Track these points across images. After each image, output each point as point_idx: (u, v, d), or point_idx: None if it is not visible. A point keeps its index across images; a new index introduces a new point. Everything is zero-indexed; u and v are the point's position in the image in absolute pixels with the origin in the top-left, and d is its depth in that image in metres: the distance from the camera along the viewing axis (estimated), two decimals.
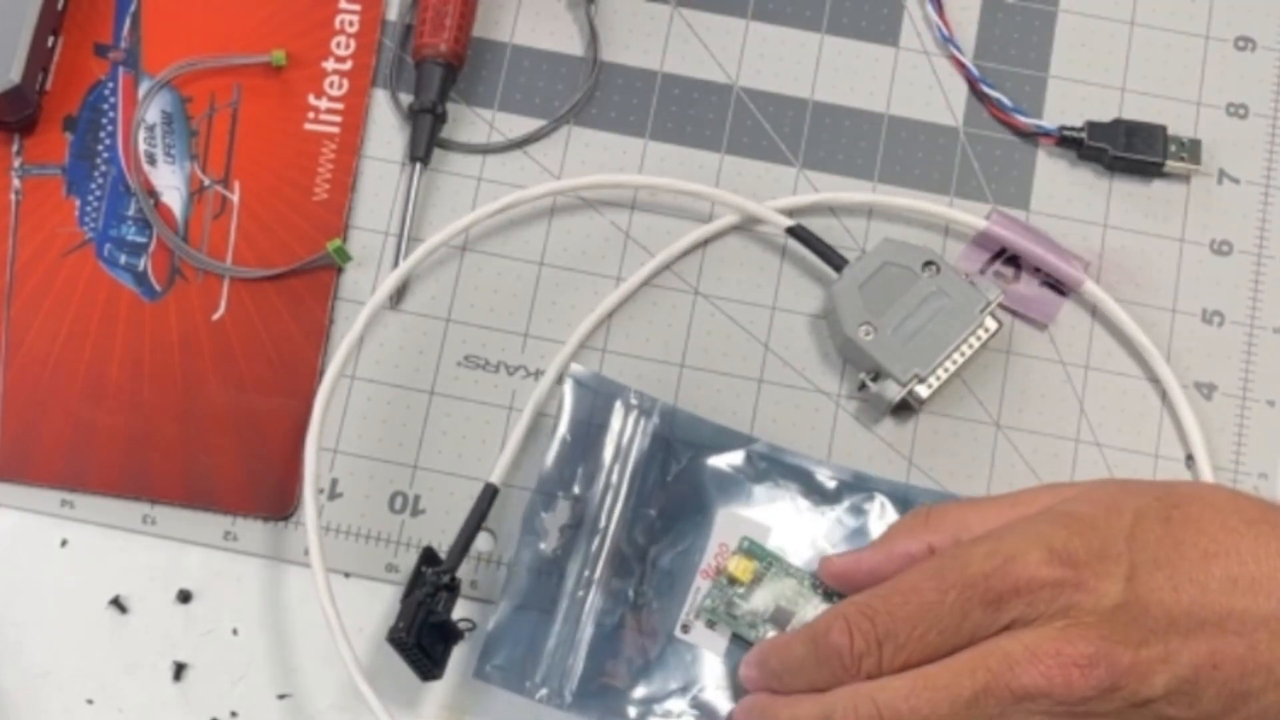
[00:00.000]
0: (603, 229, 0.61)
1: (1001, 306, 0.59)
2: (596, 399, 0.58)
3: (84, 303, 0.60)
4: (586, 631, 0.55)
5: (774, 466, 0.58)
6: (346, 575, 0.58)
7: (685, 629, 0.56)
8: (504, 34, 0.64)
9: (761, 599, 0.55)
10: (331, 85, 0.63)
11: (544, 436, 0.59)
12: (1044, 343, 0.61)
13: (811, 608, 0.55)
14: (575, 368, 0.58)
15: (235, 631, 0.57)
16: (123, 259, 0.61)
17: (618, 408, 0.58)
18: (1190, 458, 0.59)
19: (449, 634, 0.55)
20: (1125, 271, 0.61)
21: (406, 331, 0.60)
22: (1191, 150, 0.62)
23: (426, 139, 0.61)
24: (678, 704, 0.55)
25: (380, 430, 0.59)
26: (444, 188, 0.62)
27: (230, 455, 0.58)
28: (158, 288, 0.60)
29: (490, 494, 0.56)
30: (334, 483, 0.58)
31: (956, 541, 0.51)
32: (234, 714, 0.56)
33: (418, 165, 0.61)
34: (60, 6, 0.62)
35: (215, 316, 0.60)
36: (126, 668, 0.57)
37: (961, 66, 0.63)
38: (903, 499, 0.57)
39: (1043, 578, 0.47)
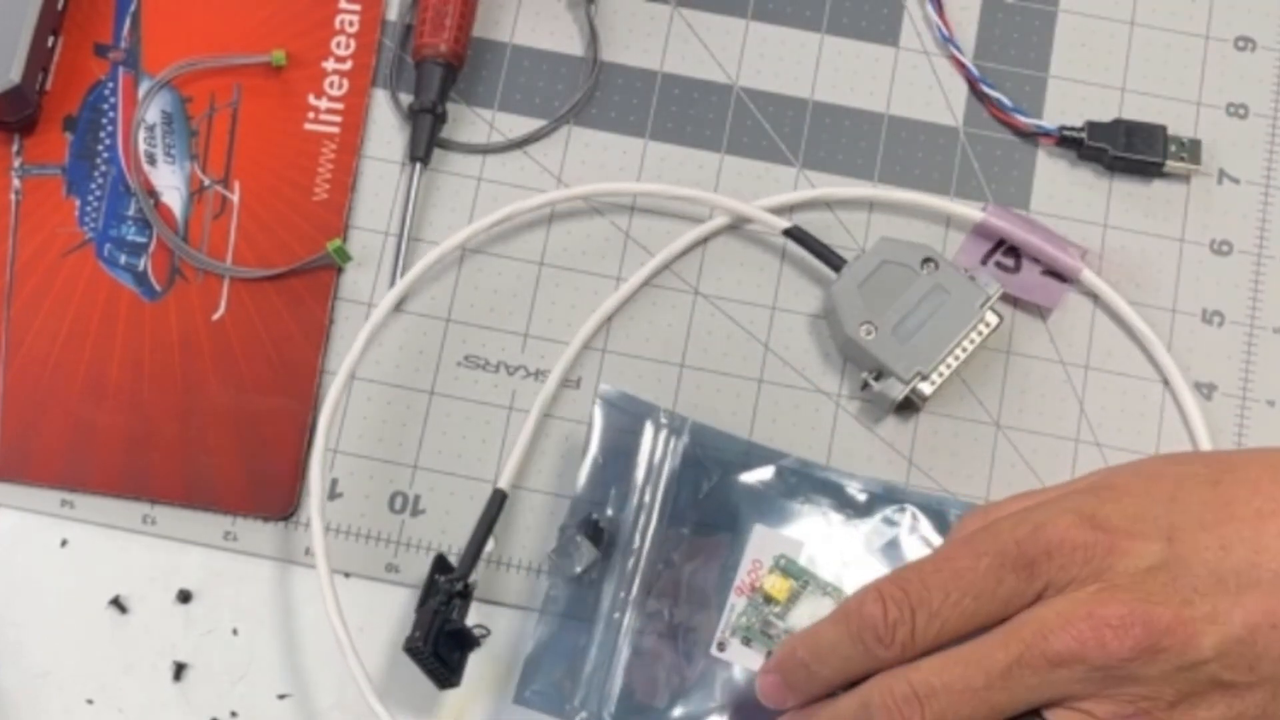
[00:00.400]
0: (603, 229, 0.61)
1: (1004, 298, 0.59)
2: (626, 419, 0.58)
3: (84, 303, 0.60)
4: (623, 652, 0.55)
5: (805, 481, 0.57)
6: (347, 575, 0.58)
7: (721, 647, 0.56)
8: (504, 34, 0.64)
9: (797, 617, 0.55)
10: (331, 85, 0.63)
11: (551, 441, 0.59)
12: (1044, 342, 0.61)
13: None
14: (604, 388, 0.58)
15: (235, 631, 0.57)
16: (123, 259, 0.61)
17: (647, 427, 0.57)
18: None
19: (465, 641, 0.55)
20: (1125, 271, 0.61)
21: (406, 331, 0.60)
22: (1191, 150, 0.62)
23: (426, 139, 0.61)
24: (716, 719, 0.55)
25: (380, 430, 0.59)
26: (444, 188, 0.62)
27: (230, 455, 0.58)
28: (158, 288, 0.60)
29: (499, 500, 0.56)
30: (334, 483, 0.58)
31: None
32: (234, 714, 0.56)
33: (418, 165, 0.61)
34: (60, 6, 0.62)
35: (215, 316, 0.60)
36: (126, 668, 0.57)
37: (961, 66, 0.63)
38: (935, 511, 0.57)
39: (1074, 540, 0.47)
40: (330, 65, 0.63)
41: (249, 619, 0.57)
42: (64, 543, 0.58)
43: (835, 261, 0.59)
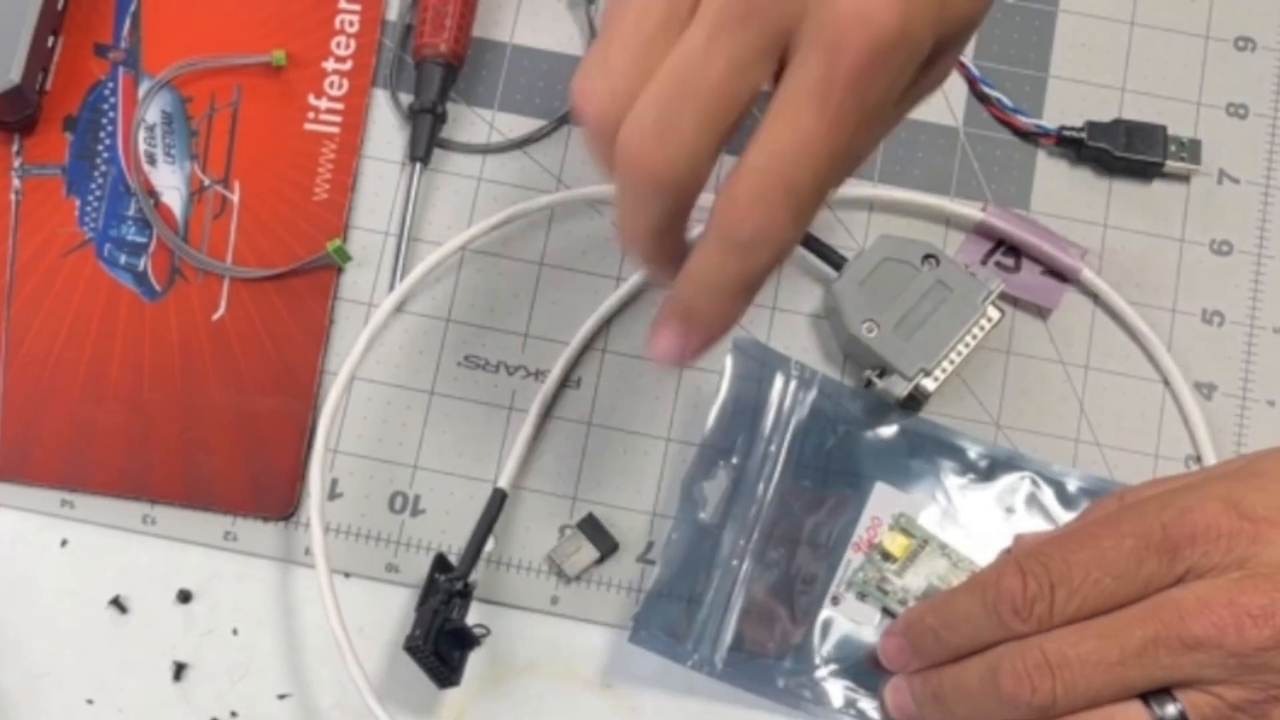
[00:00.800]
0: (603, 229, 0.61)
1: (1003, 297, 0.59)
2: (757, 368, 0.58)
3: (84, 303, 0.60)
4: (738, 600, 0.56)
5: (928, 442, 0.58)
6: (346, 575, 0.58)
7: (836, 601, 0.56)
8: (504, 34, 0.64)
9: (914, 576, 0.56)
10: (331, 85, 0.63)
11: (551, 441, 0.59)
12: (1044, 342, 0.61)
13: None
14: (739, 334, 0.58)
15: (235, 631, 0.57)
16: (123, 259, 0.61)
17: (778, 378, 0.58)
18: (1193, 457, 0.59)
19: (465, 640, 0.55)
20: (1125, 272, 0.61)
21: (406, 331, 0.60)
22: (1191, 150, 0.62)
23: (426, 139, 0.61)
24: (825, 675, 0.55)
25: (380, 430, 0.59)
26: (444, 188, 0.62)
27: (230, 455, 0.58)
28: (158, 288, 0.60)
29: (499, 499, 0.57)
30: (334, 483, 0.58)
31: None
32: (234, 714, 0.56)
33: (418, 165, 0.61)
34: (60, 6, 0.62)
35: (215, 316, 0.60)
36: (126, 668, 0.57)
37: (961, 66, 0.63)
38: (1055, 480, 0.58)
39: (1219, 527, 0.47)
40: (330, 65, 0.63)
41: (249, 619, 0.57)
42: (64, 543, 0.58)
43: (836, 260, 0.59)
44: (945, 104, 0.63)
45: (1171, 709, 0.47)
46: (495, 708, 0.56)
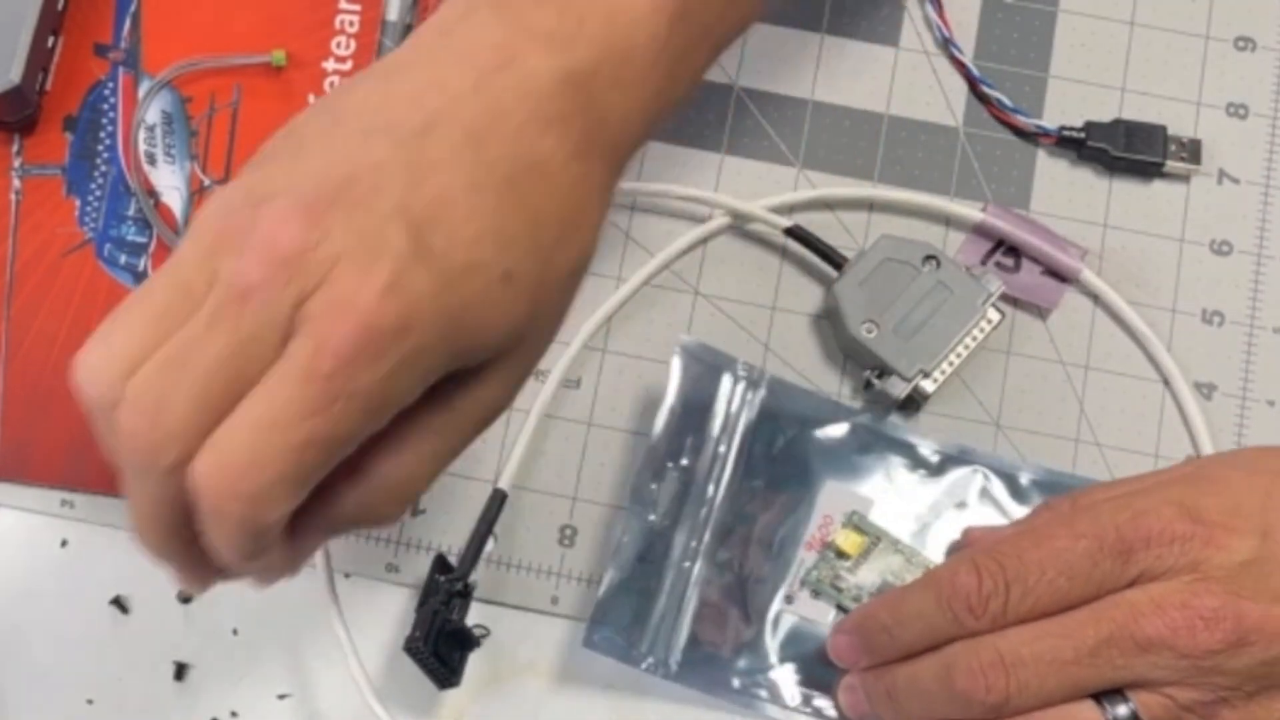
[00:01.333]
0: (602, 229, 0.61)
1: (1004, 298, 0.59)
2: (704, 370, 0.58)
3: (84, 303, 0.60)
4: (692, 601, 0.56)
5: (878, 440, 0.58)
6: (346, 575, 0.58)
7: (790, 600, 0.56)
8: None
9: (868, 574, 0.56)
10: (331, 85, 0.63)
11: (551, 441, 0.59)
12: (1044, 342, 0.61)
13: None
14: (684, 338, 0.58)
15: (235, 631, 0.57)
16: (123, 259, 0.61)
17: (725, 379, 0.58)
18: (1193, 458, 0.59)
19: (465, 641, 0.55)
20: (1125, 271, 0.61)
21: None
22: (1191, 150, 0.62)
23: None
24: (781, 674, 0.55)
25: None
26: None
27: None
28: None
29: (499, 499, 0.56)
30: None
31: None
32: (234, 714, 0.56)
33: None
34: (60, 6, 0.62)
35: None
36: (127, 668, 0.57)
37: (961, 66, 0.63)
38: (1007, 474, 0.58)
39: (1173, 531, 0.47)
40: (330, 65, 0.63)
41: (249, 619, 0.57)
42: (64, 543, 0.58)
43: (836, 260, 0.59)
44: (945, 104, 0.63)
45: (1123, 709, 0.48)
46: (495, 708, 0.56)
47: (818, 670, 0.55)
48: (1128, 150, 0.62)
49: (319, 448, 0.39)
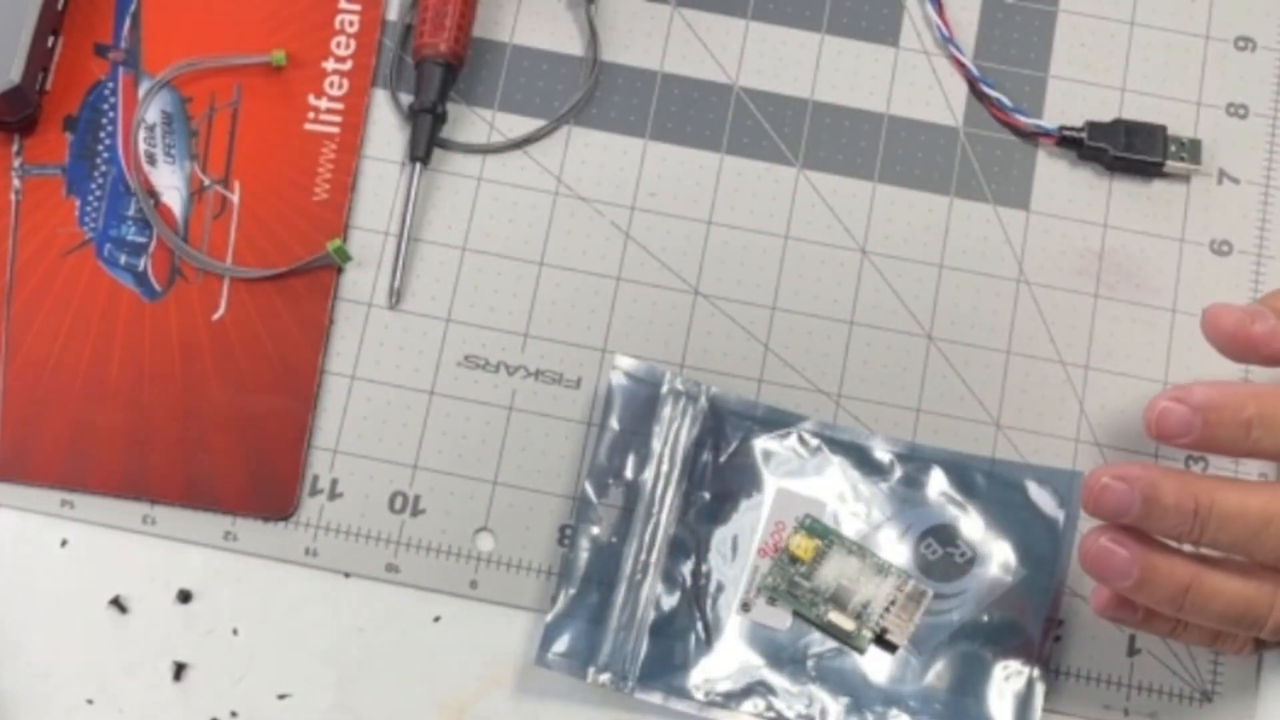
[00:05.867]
0: (603, 229, 0.61)
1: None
2: (642, 387, 0.58)
3: (84, 303, 0.60)
4: (647, 615, 0.56)
5: (825, 443, 0.58)
6: (346, 575, 0.58)
7: (746, 607, 0.56)
8: (504, 34, 0.64)
9: (823, 577, 0.56)
10: (331, 85, 0.63)
11: (551, 441, 0.59)
12: (1044, 342, 0.60)
13: (873, 585, 0.56)
14: (620, 359, 0.59)
15: (235, 631, 0.57)
16: (123, 259, 0.61)
17: (665, 395, 0.58)
18: (1191, 459, 0.59)
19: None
20: (1125, 271, 0.61)
21: (406, 331, 0.60)
22: (1191, 150, 0.62)
23: (426, 139, 0.61)
24: (740, 681, 0.56)
25: (380, 430, 0.59)
26: (444, 188, 0.62)
27: (230, 455, 0.58)
28: (158, 288, 0.60)
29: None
30: (334, 483, 0.58)
31: None
32: (234, 714, 0.56)
33: (418, 165, 0.61)
34: (60, 6, 0.62)
35: (215, 316, 0.60)
36: (126, 668, 0.57)
37: (961, 66, 0.63)
38: (958, 469, 0.58)
39: None
40: (330, 65, 0.63)
41: (249, 619, 0.57)
42: (64, 543, 0.58)
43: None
44: (945, 104, 0.63)
45: None
46: (495, 708, 0.56)
47: (778, 674, 0.55)
48: (1128, 150, 0.62)
49: None
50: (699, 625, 0.56)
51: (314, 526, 0.58)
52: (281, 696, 0.57)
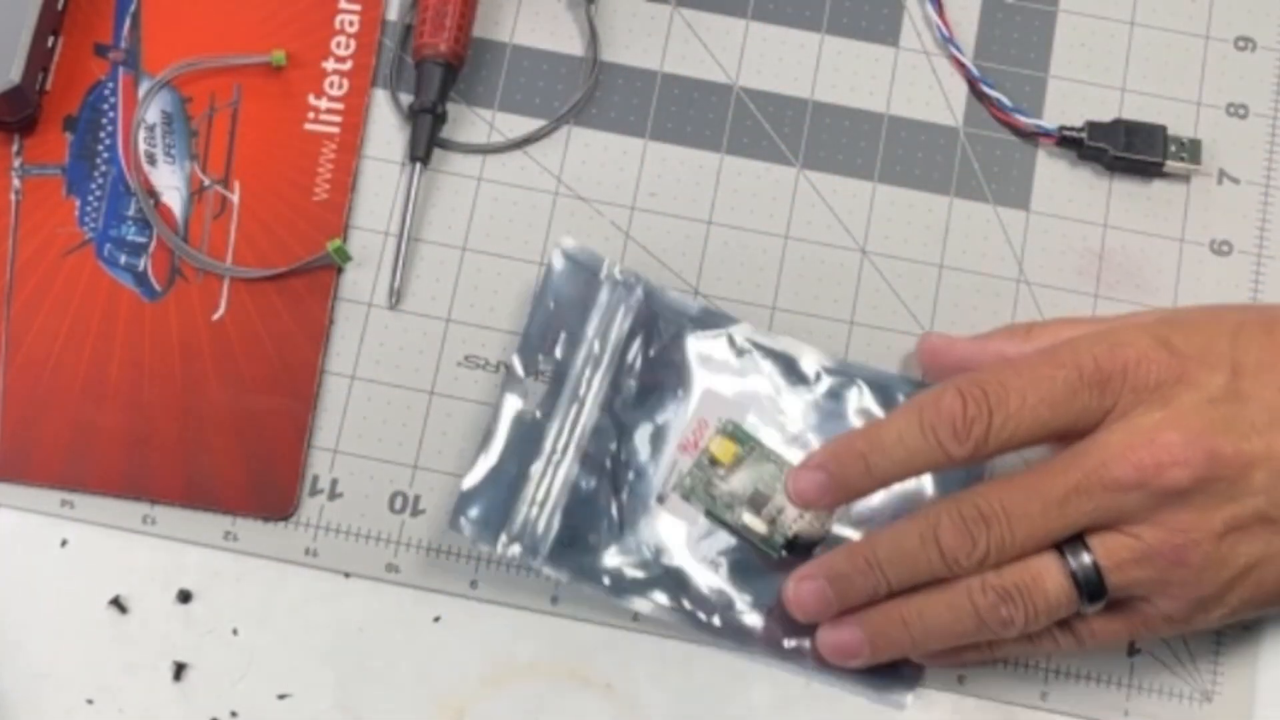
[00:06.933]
0: (603, 229, 0.61)
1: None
2: (582, 272, 0.59)
3: (84, 303, 0.60)
4: (563, 495, 0.57)
5: (755, 349, 0.59)
6: (346, 575, 0.58)
7: (661, 500, 0.57)
8: (504, 34, 0.64)
9: (740, 481, 0.57)
10: (331, 85, 0.63)
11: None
12: None
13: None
14: (565, 239, 0.59)
15: (235, 631, 0.57)
16: (123, 259, 0.61)
17: (603, 281, 0.59)
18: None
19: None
20: (1125, 271, 0.61)
21: (406, 331, 0.60)
22: (1191, 150, 0.62)
23: (426, 139, 0.61)
24: (649, 570, 0.56)
25: (380, 430, 0.59)
26: (444, 188, 0.62)
27: (230, 455, 0.58)
28: (158, 288, 0.60)
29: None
30: (334, 483, 0.58)
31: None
32: (234, 714, 0.56)
33: (418, 165, 0.61)
34: (60, 6, 0.62)
35: (215, 316, 0.60)
36: (126, 668, 0.57)
37: (961, 66, 0.63)
38: (883, 388, 0.58)
39: (1149, 361, 0.48)
40: (330, 65, 0.63)
41: (249, 619, 0.57)
42: (64, 543, 0.58)
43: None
44: (945, 104, 0.63)
45: (1085, 557, 0.49)
46: (495, 708, 0.56)
47: (684, 567, 0.56)
48: (1128, 150, 0.62)
49: None
50: (614, 511, 0.57)
51: (314, 526, 0.58)
52: (281, 696, 0.57)
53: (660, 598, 0.56)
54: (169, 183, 0.61)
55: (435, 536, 0.58)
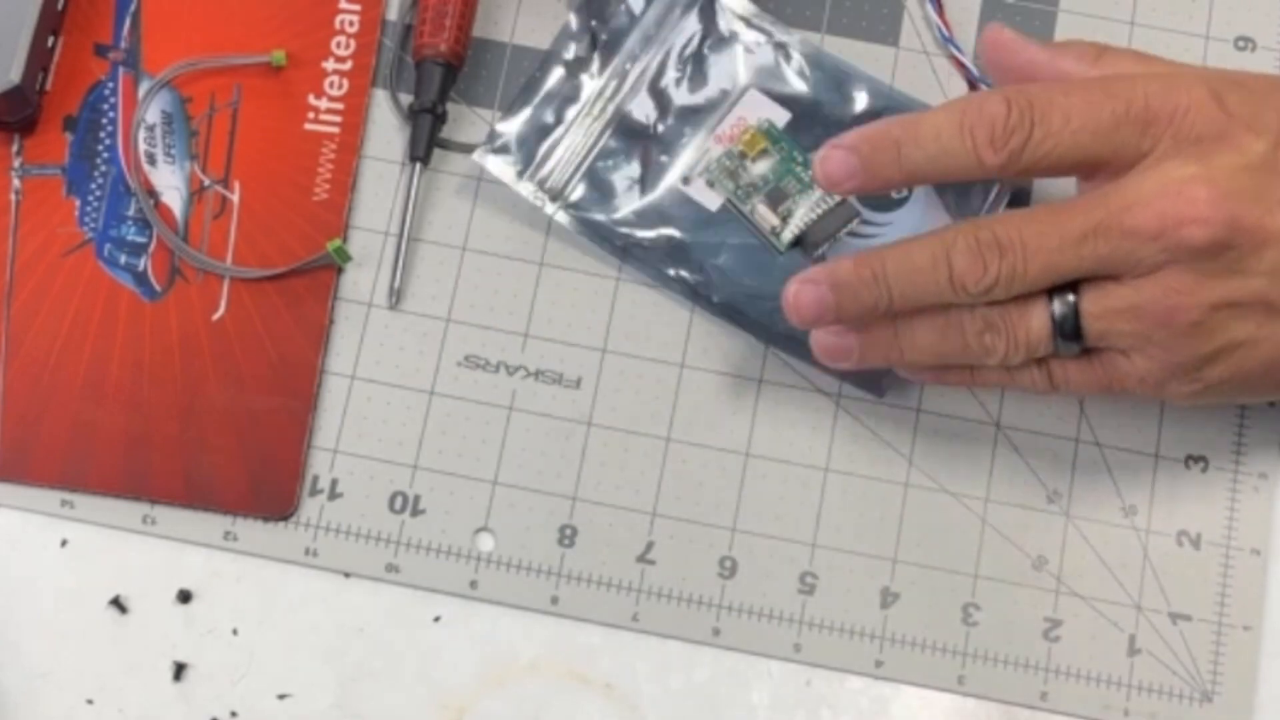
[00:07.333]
0: None
1: None
2: None
3: (84, 303, 0.60)
4: (592, 153, 0.59)
5: (809, 61, 0.61)
6: (346, 575, 0.58)
7: (686, 181, 0.60)
8: (504, 34, 0.64)
9: (763, 173, 0.57)
10: (331, 85, 0.63)
11: (551, 440, 0.59)
12: None
13: (807, 197, 0.56)
14: None
15: (235, 631, 0.57)
16: (123, 259, 0.61)
17: None
18: (1191, 458, 0.59)
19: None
20: None
21: (406, 331, 0.60)
22: None
23: (426, 139, 0.61)
24: (659, 240, 0.59)
25: (380, 430, 0.59)
26: (444, 188, 0.62)
27: (230, 455, 0.58)
28: (158, 288, 0.60)
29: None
30: (334, 483, 0.58)
31: None
32: (234, 714, 0.56)
33: (418, 165, 0.61)
34: (60, 6, 0.62)
35: (215, 316, 0.60)
36: (126, 668, 0.57)
37: (961, 66, 0.63)
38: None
39: (1198, 112, 0.47)
40: (330, 65, 0.63)
41: (249, 619, 0.57)
42: (64, 543, 0.58)
43: None
44: None
45: (1070, 298, 0.49)
46: (495, 708, 0.56)
47: (694, 248, 0.59)
48: None
49: None
50: (639, 179, 0.60)
51: (314, 526, 0.58)
52: (281, 696, 0.57)
53: (663, 263, 0.59)
54: (169, 183, 0.61)
55: (435, 536, 0.58)
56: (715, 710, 0.57)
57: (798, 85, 0.61)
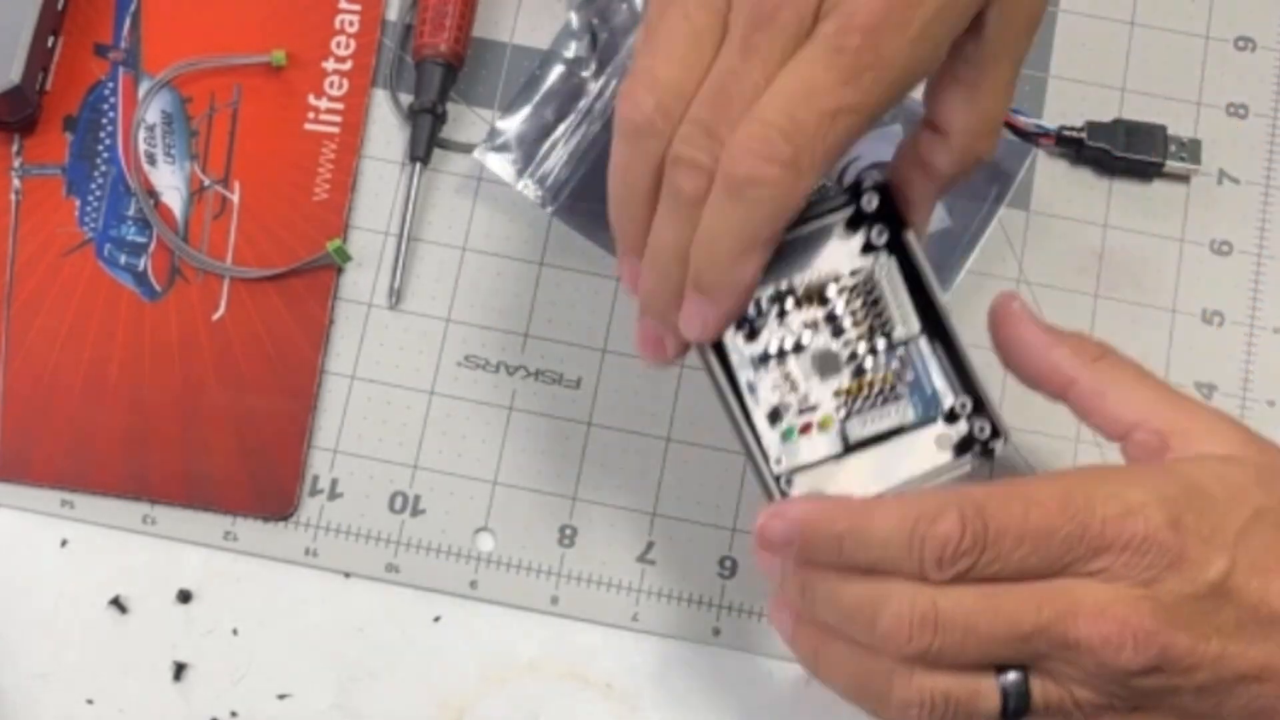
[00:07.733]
0: None
1: None
2: None
3: (84, 303, 0.60)
4: (591, 153, 0.59)
5: None
6: (346, 575, 0.58)
7: None
8: (504, 34, 0.64)
9: None
10: (331, 85, 0.63)
11: (552, 440, 0.59)
12: None
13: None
14: None
15: (235, 631, 0.57)
16: (123, 259, 0.61)
17: None
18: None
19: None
20: (1125, 271, 0.61)
21: (406, 331, 0.60)
22: (1191, 150, 0.62)
23: (426, 139, 0.61)
24: None
25: (380, 430, 0.59)
26: (444, 188, 0.62)
27: (230, 455, 0.58)
28: (158, 288, 0.60)
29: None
30: (334, 483, 0.59)
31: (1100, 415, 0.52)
32: (234, 714, 0.56)
33: (418, 165, 0.61)
34: (60, 6, 0.62)
35: (215, 316, 0.60)
36: (126, 668, 0.57)
37: None
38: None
39: (1153, 541, 0.47)
40: (330, 65, 0.63)
41: (249, 619, 0.57)
42: (64, 543, 0.58)
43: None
44: None
45: (1023, 693, 0.47)
46: (495, 707, 0.56)
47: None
48: (1128, 150, 0.62)
49: (849, 115, 0.43)
50: None
51: (314, 526, 0.58)
52: (281, 696, 0.57)
53: None
54: (169, 183, 0.61)
55: (435, 536, 0.58)
56: (715, 710, 0.57)
57: None
